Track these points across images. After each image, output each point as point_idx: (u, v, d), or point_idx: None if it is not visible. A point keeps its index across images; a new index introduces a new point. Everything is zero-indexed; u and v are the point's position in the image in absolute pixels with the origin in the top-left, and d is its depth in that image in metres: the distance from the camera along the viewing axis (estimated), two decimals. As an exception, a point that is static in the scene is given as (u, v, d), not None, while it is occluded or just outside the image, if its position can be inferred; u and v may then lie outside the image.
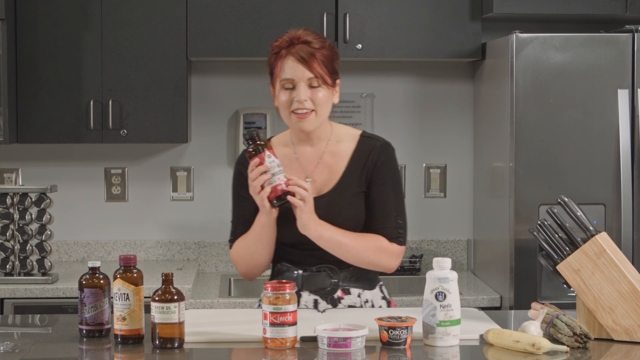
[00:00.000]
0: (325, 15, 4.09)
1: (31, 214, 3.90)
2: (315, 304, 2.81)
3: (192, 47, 4.12)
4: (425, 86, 4.52)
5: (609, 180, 3.79)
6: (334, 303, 2.81)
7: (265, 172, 2.61)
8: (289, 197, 2.63)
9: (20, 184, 3.98)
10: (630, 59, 3.77)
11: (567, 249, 2.55)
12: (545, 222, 2.60)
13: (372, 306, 2.84)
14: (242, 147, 4.38)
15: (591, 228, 2.54)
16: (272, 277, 2.88)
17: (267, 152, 2.62)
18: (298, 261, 2.81)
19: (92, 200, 4.48)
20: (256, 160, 2.62)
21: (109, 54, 4.11)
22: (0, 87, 3.94)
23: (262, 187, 2.63)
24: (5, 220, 3.89)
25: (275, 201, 2.64)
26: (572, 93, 3.79)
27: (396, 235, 2.79)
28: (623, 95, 3.77)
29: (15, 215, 3.90)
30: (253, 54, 4.13)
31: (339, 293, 2.81)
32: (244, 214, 2.83)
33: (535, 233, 2.60)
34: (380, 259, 2.77)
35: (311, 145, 2.84)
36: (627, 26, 3.83)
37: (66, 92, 4.11)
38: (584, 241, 2.52)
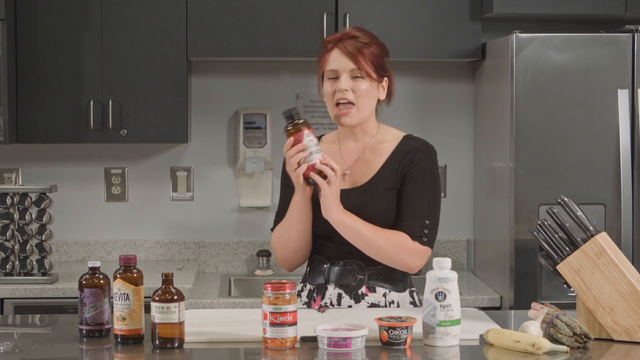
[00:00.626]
0: (325, 15, 4.09)
1: (31, 214, 3.90)
2: (339, 298, 2.83)
3: (192, 47, 4.12)
4: (425, 86, 4.52)
5: (609, 180, 3.79)
6: (358, 299, 2.82)
7: (302, 150, 2.65)
8: (314, 176, 2.65)
9: (20, 184, 3.97)
10: (630, 59, 3.77)
11: (567, 249, 2.55)
12: (545, 222, 2.60)
13: (398, 307, 2.85)
14: (242, 147, 4.39)
15: (591, 228, 2.54)
16: (307, 270, 2.93)
17: (305, 132, 2.66)
18: (332, 255, 2.84)
19: (92, 200, 4.48)
20: (291, 139, 2.66)
21: (109, 54, 4.11)
22: (0, 87, 3.94)
23: (299, 164, 2.66)
24: (5, 220, 3.89)
25: (310, 179, 2.68)
26: (572, 93, 3.79)
27: (420, 234, 2.78)
28: (623, 95, 3.77)
29: (15, 215, 3.90)
30: (253, 54, 4.13)
31: (363, 290, 2.83)
32: (288, 203, 2.84)
33: (535, 233, 2.60)
34: (402, 256, 2.77)
35: (355, 140, 2.90)
36: (627, 26, 3.83)
37: (66, 92, 4.11)
38: (584, 241, 2.52)
